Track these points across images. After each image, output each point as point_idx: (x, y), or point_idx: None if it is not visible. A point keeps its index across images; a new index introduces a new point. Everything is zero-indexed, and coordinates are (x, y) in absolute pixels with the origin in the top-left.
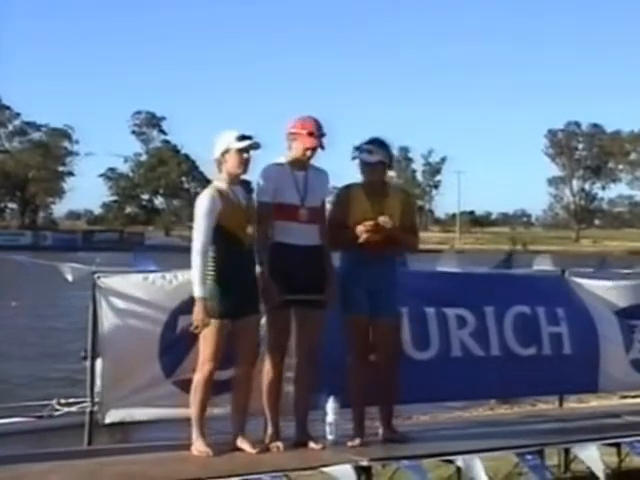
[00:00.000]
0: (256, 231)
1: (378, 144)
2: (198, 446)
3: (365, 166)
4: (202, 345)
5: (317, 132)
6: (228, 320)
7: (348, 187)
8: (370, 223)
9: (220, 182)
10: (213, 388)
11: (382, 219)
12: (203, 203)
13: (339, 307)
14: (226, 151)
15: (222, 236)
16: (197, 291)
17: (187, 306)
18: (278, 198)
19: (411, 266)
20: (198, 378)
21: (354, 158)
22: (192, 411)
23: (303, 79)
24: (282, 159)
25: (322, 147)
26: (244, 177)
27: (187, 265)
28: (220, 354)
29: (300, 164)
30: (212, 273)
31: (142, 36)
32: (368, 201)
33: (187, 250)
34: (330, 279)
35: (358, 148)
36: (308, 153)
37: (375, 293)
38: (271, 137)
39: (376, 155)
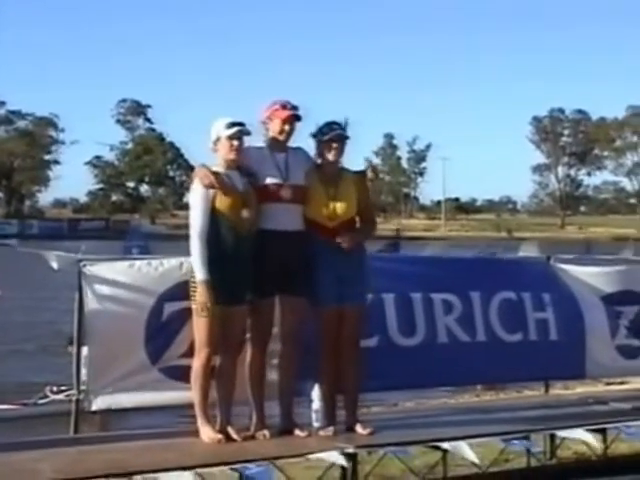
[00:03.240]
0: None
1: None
2: (207, 432)
3: (335, 143)
4: (197, 331)
5: (290, 105)
6: (221, 306)
7: None
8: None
9: (216, 167)
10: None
11: (342, 244)
12: (198, 186)
13: (309, 296)
14: (217, 139)
15: (216, 220)
16: (200, 274)
17: (173, 292)
18: (259, 179)
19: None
20: (196, 366)
21: (324, 135)
22: (195, 398)
23: (288, 63)
24: (261, 144)
25: (298, 118)
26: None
27: (173, 252)
28: (215, 339)
29: (279, 145)
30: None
31: (128, 23)
32: (322, 186)
33: (172, 237)
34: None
35: (327, 126)
36: (286, 127)
37: (343, 280)
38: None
39: (346, 131)
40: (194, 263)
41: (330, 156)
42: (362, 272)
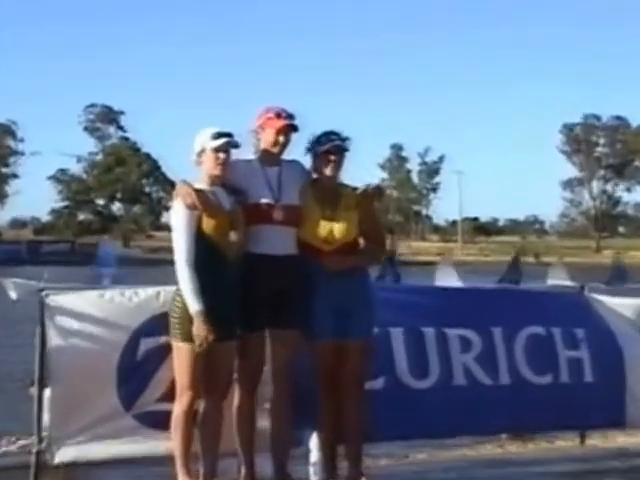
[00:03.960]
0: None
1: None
2: None
3: (333, 155)
4: (178, 371)
5: (285, 113)
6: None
7: None
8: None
9: (200, 184)
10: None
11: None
12: (180, 206)
13: (303, 328)
14: (202, 151)
15: (202, 244)
16: (195, 305)
17: (150, 327)
18: (248, 198)
19: (406, 279)
20: (177, 411)
21: (321, 146)
22: (175, 449)
23: (277, 67)
24: (251, 157)
25: (295, 128)
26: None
27: (149, 280)
28: (199, 381)
29: (272, 158)
30: None
31: (95, 21)
32: (318, 205)
33: (149, 262)
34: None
35: (324, 136)
36: (280, 138)
37: (343, 313)
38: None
39: (346, 142)
40: (185, 293)
41: (327, 170)
42: (365, 302)
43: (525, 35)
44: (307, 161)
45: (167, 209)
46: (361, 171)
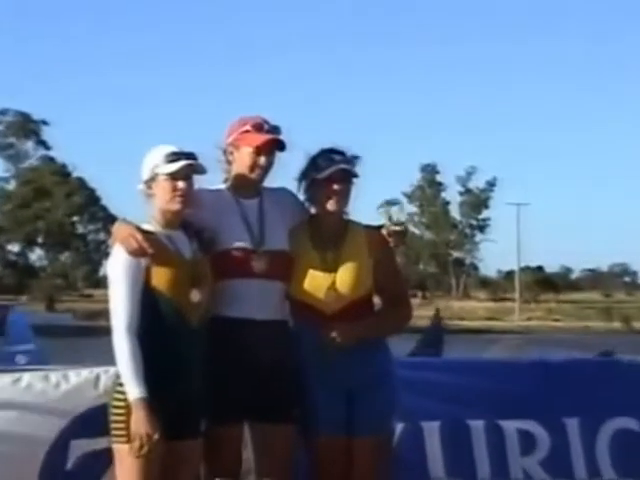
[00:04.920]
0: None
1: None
2: None
3: (337, 184)
4: None
5: (267, 125)
6: (162, 442)
7: None
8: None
9: (150, 224)
10: None
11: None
12: (121, 254)
13: (300, 420)
14: (152, 178)
15: (151, 306)
16: (135, 391)
17: (83, 424)
18: (217, 242)
19: (447, 353)
20: None
21: (320, 171)
22: None
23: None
24: (221, 186)
25: (281, 145)
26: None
27: (85, 358)
28: None
29: (249, 187)
30: None
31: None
32: (316, 250)
33: (84, 333)
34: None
35: (324, 157)
36: (261, 160)
37: (352, 397)
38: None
39: (354, 165)
40: (124, 374)
41: (329, 204)
42: (383, 385)
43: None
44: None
45: (108, 257)
46: (377, 204)
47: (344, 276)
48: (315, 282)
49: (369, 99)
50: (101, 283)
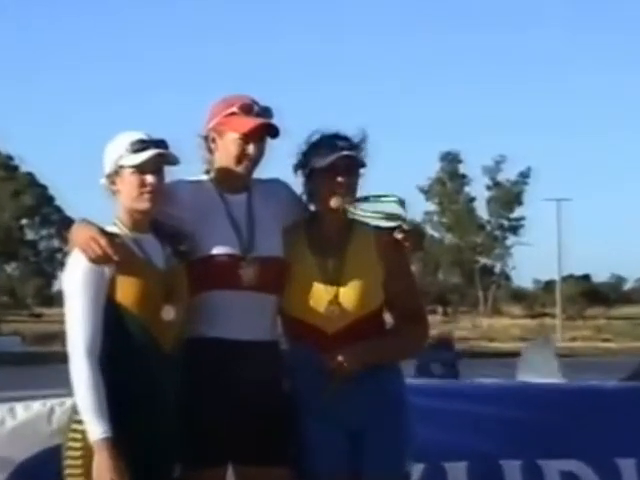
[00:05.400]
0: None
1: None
2: None
3: (341, 176)
4: None
5: (258, 107)
6: None
7: None
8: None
9: (114, 226)
10: None
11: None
12: (81, 262)
13: (295, 462)
14: (116, 172)
15: (115, 325)
16: (95, 429)
17: (35, 467)
18: (196, 247)
19: (466, 374)
20: None
21: (320, 159)
22: None
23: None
24: (205, 177)
25: (274, 132)
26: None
27: (36, 388)
28: None
29: (235, 181)
30: None
31: None
32: (315, 255)
33: (34, 359)
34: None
35: (326, 142)
36: (250, 148)
37: (358, 434)
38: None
39: (362, 152)
40: (83, 409)
41: (332, 200)
42: (395, 417)
43: None
44: (296, 185)
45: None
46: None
47: (349, 288)
48: (314, 295)
49: (377, 78)
50: (55, 300)
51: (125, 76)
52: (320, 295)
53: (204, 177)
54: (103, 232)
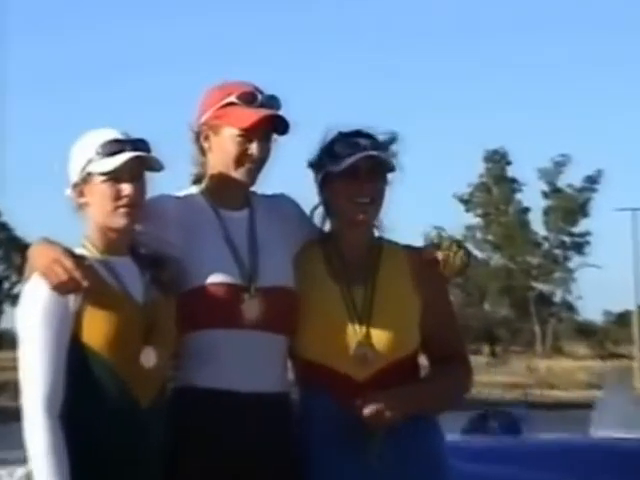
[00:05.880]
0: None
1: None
2: None
3: (368, 182)
4: None
5: (262, 96)
6: None
7: None
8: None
9: (82, 248)
10: None
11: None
12: (39, 297)
13: None
14: (84, 180)
15: (83, 375)
16: None
17: None
18: (186, 275)
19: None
20: None
21: (338, 161)
22: None
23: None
24: (193, 190)
25: (283, 126)
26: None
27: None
28: None
29: (234, 192)
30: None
31: None
32: (337, 283)
33: None
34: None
35: (345, 140)
36: (253, 148)
37: None
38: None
39: (389, 154)
40: (40, 476)
41: (355, 212)
42: None
43: None
44: (307, 199)
45: (17, 303)
46: (425, 211)
47: (383, 324)
48: (339, 334)
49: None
50: (4, 341)
51: (86, 56)
52: (347, 333)
53: (193, 189)
54: (69, 253)
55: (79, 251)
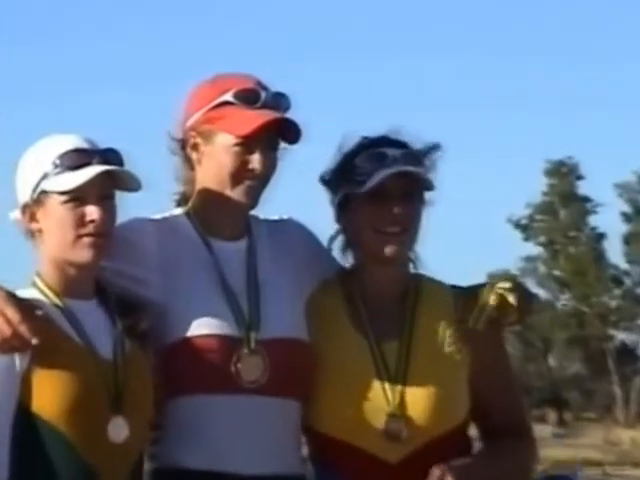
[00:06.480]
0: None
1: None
2: None
3: (399, 204)
4: None
5: (265, 93)
6: None
7: None
8: None
9: (34, 288)
10: None
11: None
12: None
13: None
14: (38, 200)
15: (33, 454)
16: None
17: None
18: (169, 325)
19: None
20: None
21: (362, 179)
22: None
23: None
24: (177, 213)
25: (292, 133)
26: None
27: None
28: None
29: (230, 218)
30: None
31: None
32: (360, 335)
33: None
34: None
35: (372, 149)
36: (254, 161)
37: None
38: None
39: (426, 168)
40: None
41: (385, 246)
42: None
43: None
44: (323, 226)
45: None
46: (471, 240)
47: (422, 391)
48: (366, 403)
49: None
50: None
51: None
52: (375, 402)
53: (177, 212)
54: (14, 299)
55: (28, 293)
